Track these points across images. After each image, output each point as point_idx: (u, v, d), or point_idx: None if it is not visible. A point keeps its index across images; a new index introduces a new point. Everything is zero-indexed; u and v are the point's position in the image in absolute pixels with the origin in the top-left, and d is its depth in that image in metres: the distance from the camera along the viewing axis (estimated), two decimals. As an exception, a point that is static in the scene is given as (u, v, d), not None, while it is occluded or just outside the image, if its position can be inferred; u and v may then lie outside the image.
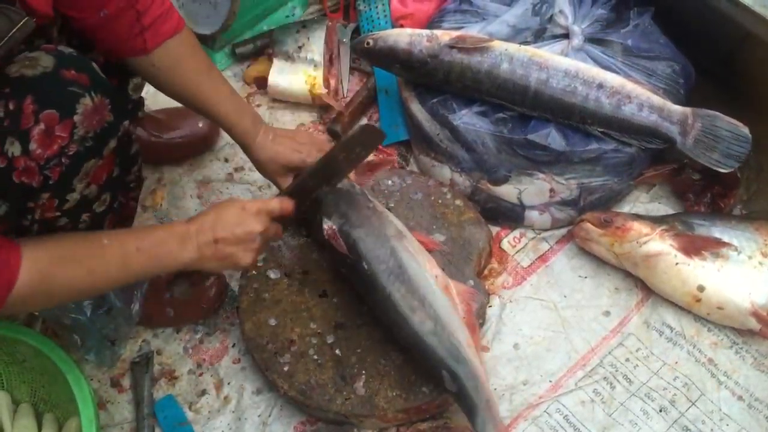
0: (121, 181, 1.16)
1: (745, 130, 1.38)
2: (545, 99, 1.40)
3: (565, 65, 1.40)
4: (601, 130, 1.40)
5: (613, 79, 1.40)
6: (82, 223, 1.09)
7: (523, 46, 1.44)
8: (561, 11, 1.50)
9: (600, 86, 1.39)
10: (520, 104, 1.43)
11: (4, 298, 0.90)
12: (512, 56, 1.41)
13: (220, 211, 1.12)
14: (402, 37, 1.47)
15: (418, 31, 1.48)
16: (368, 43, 1.49)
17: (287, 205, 1.20)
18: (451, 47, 1.43)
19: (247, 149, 1.29)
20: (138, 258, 1.04)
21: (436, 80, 1.47)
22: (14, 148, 0.93)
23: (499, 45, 1.43)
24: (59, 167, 0.97)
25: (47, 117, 0.94)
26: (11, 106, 0.92)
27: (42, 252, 0.96)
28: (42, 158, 0.95)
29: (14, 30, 0.93)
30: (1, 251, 0.88)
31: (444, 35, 1.45)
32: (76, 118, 0.97)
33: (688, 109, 1.41)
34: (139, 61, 1.18)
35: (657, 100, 1.40)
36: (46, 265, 0.95)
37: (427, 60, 1.44)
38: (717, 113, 1.40)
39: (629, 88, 1.39)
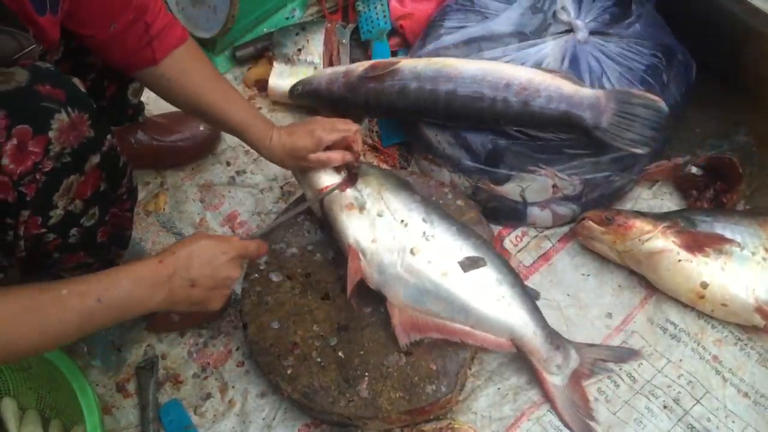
0: (109, 195, 1.13)
1: (661, 103, 1.34)
2: (456, 108, 1.43)
3: (473, 71, 1.42)
4: (516, 128, 1.42)
5: (521, 76, 1.39)
6: (71, 238, 1.08)
7: (433, 59, 1.47)
8: (563, 7, 1.49)
9: (507, 86, 1.39)
10: (435, 116, 1.47)
11: None
12: (419, 74, 1.45)
13: (195, 251, 1.04)
14: (323, 77, 1.56)
15: (338, 68, 1.56)
16: (297, 90, 1.61)
17: (264, 249, 1.15)
18: (365, 77, 1.49)
19: (263, 150, 1.29)
20: (100, 310, 0.95)
21: (360, 110, 1.54)
22: None
23: (406, 64, 1.48)
24: (34, 183, 0.95)
25: (20, 132, 0.91)
26: None
27: None
28: (15, 174, 0.92)
29: (19, 54, 0.94)
30: None
31: (359, 67, 1.52)
32: (50, 134, 0.94)
33: (600, 92, 1.37)
34: (150, 72, 1.18)
35: (568, 87, 1.37)
36: None
37: (346, 95, 1.51)
38: (630, 89, 1.37)
39: (537, 81, 1.38)
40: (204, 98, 1.22)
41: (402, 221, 1.28)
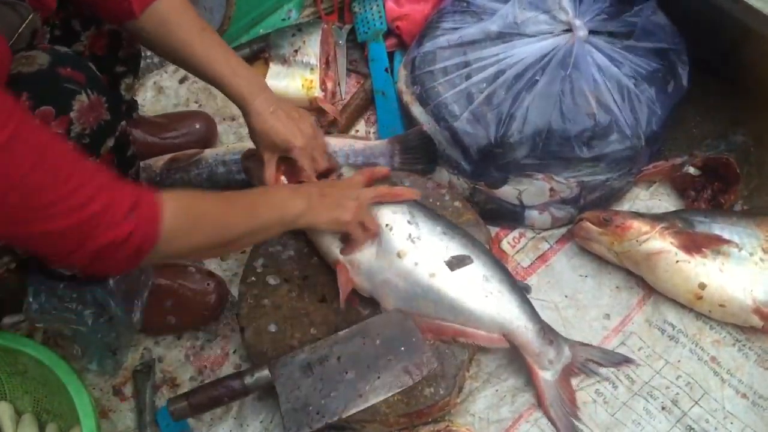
0: None
1: (422, 127, 1.50)
2: None
3: None
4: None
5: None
6: None
7: (232, 146, 1.55)
8: (561, 7, 1.49)
9: None
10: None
11: (157, 227, 0.90)
12: (224, 159, 1.52)
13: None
14: None
15: None
16: None
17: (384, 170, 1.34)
18: (168, 170, 1.51)
19: (243, 113, 1.26)
20: (263, 204, 1.10)
21: None
22: None
23: (209, 153, 1.53)
24: None
25: (43, 113, 0.95)
26: None
27: (179, 193, 0.98)
28: None
29: (23, 26, 0.96)
30: (142, 190, 0.90)
31: (159, 161, 1.53)
32: (72, 114, 0.98)
33: (385, 141, 1.54)
34: (131, 25, 1.19)
35: (359, 144, 1.52)
36: (186, 201, 0.98)
37: None
38: (411, 130, 1.52)
39: (332, 144, 1.49)
40: (185, 52, 1.21)
41: (386, 225, 1.28)
